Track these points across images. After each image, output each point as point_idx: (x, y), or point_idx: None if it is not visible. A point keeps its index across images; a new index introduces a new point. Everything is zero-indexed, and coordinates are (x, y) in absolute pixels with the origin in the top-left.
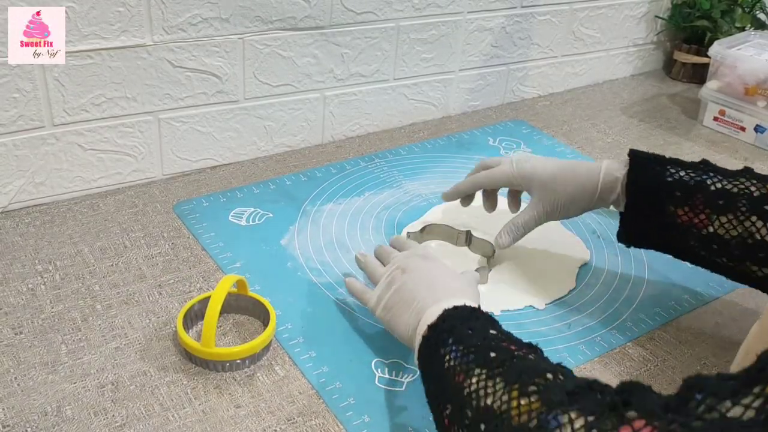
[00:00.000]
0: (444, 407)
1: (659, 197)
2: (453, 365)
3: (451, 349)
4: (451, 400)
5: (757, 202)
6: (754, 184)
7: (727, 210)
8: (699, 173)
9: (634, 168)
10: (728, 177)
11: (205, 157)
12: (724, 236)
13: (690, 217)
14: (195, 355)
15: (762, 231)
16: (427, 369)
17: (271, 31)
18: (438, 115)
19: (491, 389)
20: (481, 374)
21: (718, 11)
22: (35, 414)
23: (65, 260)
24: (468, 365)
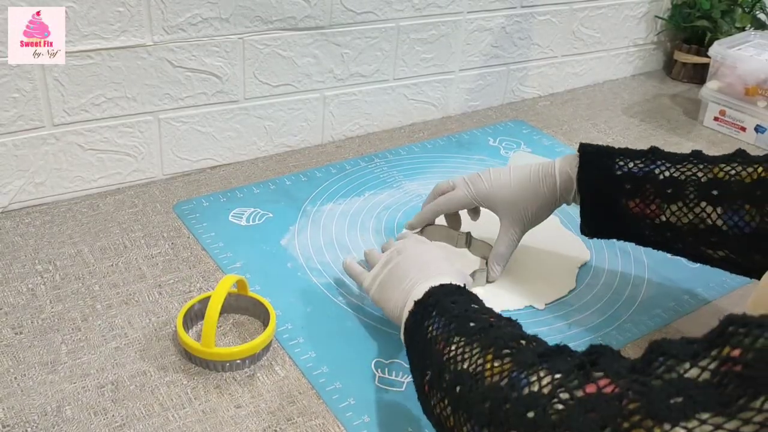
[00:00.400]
0: (425, 374)
1: (610, 191)
2: (435, 335)
3: (434, 320)
4: (432, 366)
5: (705, 188)
6: (701, 170)
7: (676, 198)
8: (647, 163)
9: (584, 164)
10: (676, 164)
11: (205, 157)
12: (676, 224)
13: (642, 207)
14: (195, 355)
15: (712, 216)
16: (412, 341)
17: (271, 31)
18: (438, 115)
19: (468, 354)
20: (460, 341)
21: (719, 11)
22: (35, 414)
23: (65, 260)
24: (449, 334)
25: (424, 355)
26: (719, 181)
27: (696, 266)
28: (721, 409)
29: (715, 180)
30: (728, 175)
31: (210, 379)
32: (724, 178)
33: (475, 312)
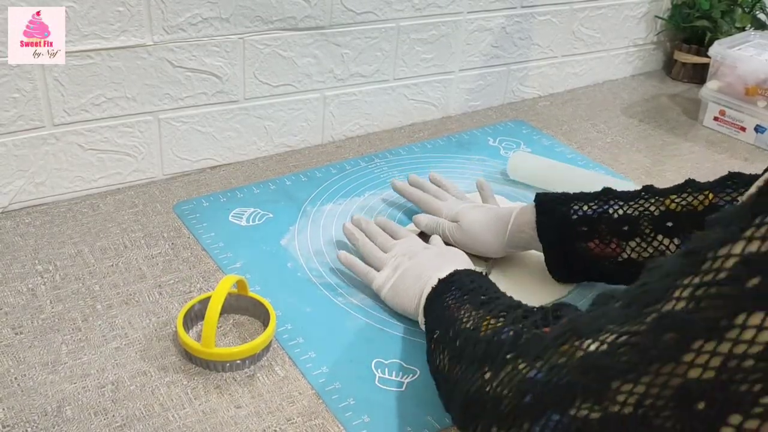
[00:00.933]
0: (434, 332)
1: (568, 237)
2: (449, 303)
3: (452, 294)
4: (441, 326)
5: (659, 221)
6: (653, 203)
7: (633, 234)
8: (600, 204)
9: (540, 215)
10: (629, 200)
11: (205, 157)
12: (638, 259)
13: (602, 248)
14: (195, 355)
15: (671, 247)
16: (430, 310)
17: (272, 31)
18: (438, 115)
19: (473, 317)
20: (469, 308)
21: (718, 11)
22: (35, 414)
23: (65, 260)
24: (461, 303)
25: (437, 319)
26: (672, 213)
27: None
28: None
29: (667, 212)
30: (680, 206)
31: (210, 380)
32: (676, 209)
33: (488, 289)
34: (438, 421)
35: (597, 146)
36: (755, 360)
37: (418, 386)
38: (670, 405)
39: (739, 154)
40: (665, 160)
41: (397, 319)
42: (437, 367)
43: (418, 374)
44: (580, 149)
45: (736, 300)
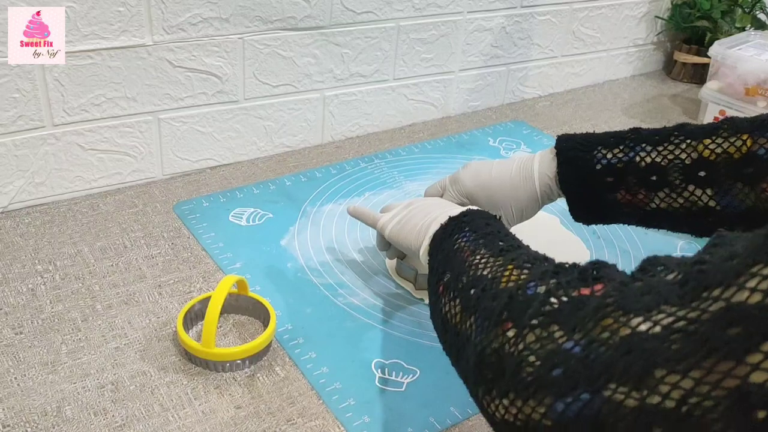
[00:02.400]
0: (442, 276)
1: (593, 187)
2: (462, 245)
3: (464, 235)
4: (451, 270)
5: (691, 171)
6: (684, 150)
7: (662, 185)
8: (627, 151)
9: (562, 165)
10: (657, 146)
11: (205, 157)
12: (667, 209)
13: (630, 198)
14: (195, 355)
15: (703, 198)
16: (437, 250)
17: (271, 31)
18: (438, 115)
19: (491, 264)
20: (485, 254)
21: (719, 11)
22: (35, 414)
23: (65, 260)
24: (476, 246)
25: (446, 261)
26: (705, 161)
27: None
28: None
29: (700, 160)
30: (714, 153)
31: (210, 380)
32: (710, 156)
33: (506, 236)
34: (439, 422)
35: None
36: None
37: (419, 386)
38: (722, 407)
39: None
40: None
41: (397, 320)
42: (445, 315)
43: (418, 374)
44: None
45: None
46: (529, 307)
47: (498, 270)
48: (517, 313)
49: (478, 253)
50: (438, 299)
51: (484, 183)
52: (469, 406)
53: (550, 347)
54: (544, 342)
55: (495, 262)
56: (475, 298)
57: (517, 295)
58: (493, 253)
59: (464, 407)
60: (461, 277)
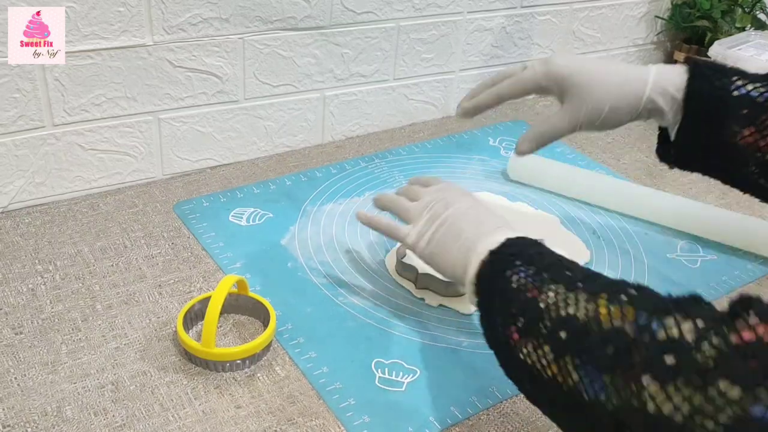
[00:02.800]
0: (513, 322)
1: (722, 114)
2: (524, 283)
3: (519, 269)
4: (524, 314)
5: None
6: None
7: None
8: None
9: (695, 78)
10: None
11: (205, 157)
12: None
13: (755, 138)
14: (195, 355)
15: None
16: (487, 292)
17: (272, 31)
18: (438, 115)
19: (572, 300)
20: (558, 289)
21: (719, 11)
22: (35, 414)
23: (65, 260)
24: (542, 282)
25: (508, 304)
26: None
27: (696, 266)
28: None
29: None
30: None
31: (210, 380)
32: None
33: (566, 261)
34: (439, 422)
35: (598, 146)
36: None
37: (419, 386)
38: None
39: None
40: None
41: (398, 319)
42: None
43: (418, 374)
44: (581, 149)
45: None
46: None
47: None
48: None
49: (549, 290)
50: (512, 348)
51: (582, 67)
52: (469, 406)
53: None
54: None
55: (577, 297)
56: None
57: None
58: (569, 287)
59: (464, 407)
60: (540, 321)
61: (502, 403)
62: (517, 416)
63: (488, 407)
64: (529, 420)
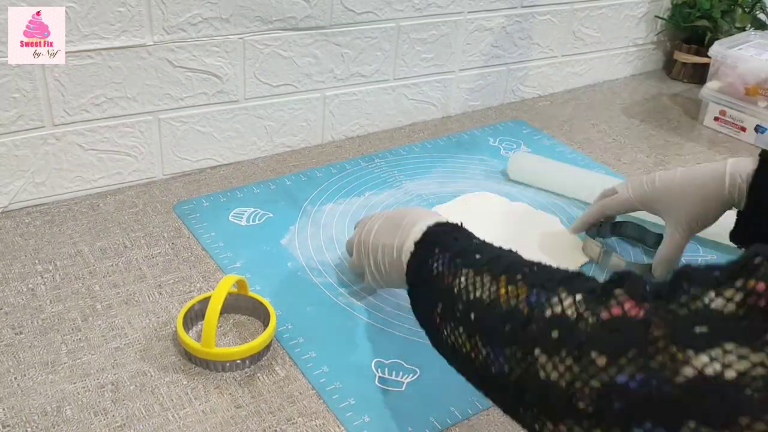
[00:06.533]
0: (434, 307)
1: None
2: (441, 271)
3: (438, 257)
4: (442, 299)
5: None
6: None
7: None
8: None
9: (762, 165)
10: None
11: (205, 157)
12: None
13: None
14: (195, 355)
15: None
16: (416, 282)
17: (272, 31)
18: (438, 115)
19: (479, 284)
20: (468, 273)
21: (719, 11)
22: (35, 414)
23: (65, 260)
24: (455, 268)
25: (431, 291)
26: None
27: None
28: (746, 341)
29: None
30: None
31: (210, 380)
32: None
33: (478, 245)
34: (439, 422)
35: (598, 146)
36: None
37: (419, 386)
38: None
39: (739, 155)
40: (668, 160)
41: (397, 319)
42: (452, 344)
43: (418, 374)
44: (581, 149)
45: None
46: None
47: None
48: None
49: (460, 275)
50: (437, 330)
51: (667, 186)
52: (469, 406)
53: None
54: (591, 373)
55: (482, 280)
56: (480, 326)
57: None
58: (477, 270)
59: (464, 407)
60: (455, 305)
61: None
62: None
63: (488, 407)
64: None
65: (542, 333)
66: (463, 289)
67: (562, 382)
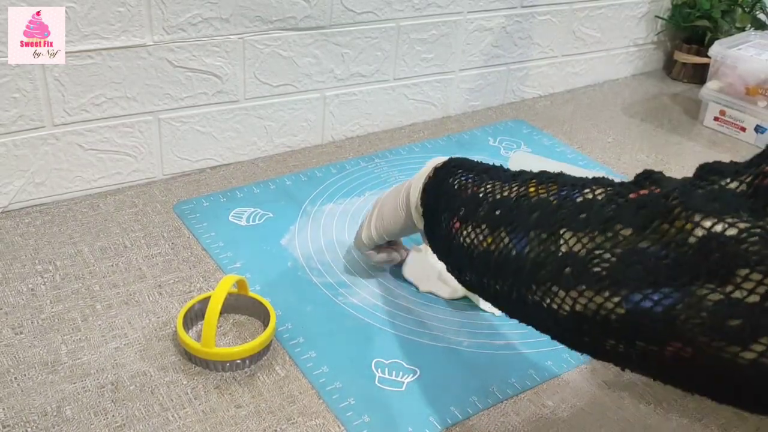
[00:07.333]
0: (455, 213)
1: None
2: (465, 183)
3: (461, 176)
4: (465, 205)
5: None
6: None
7: None
8: None
9: None
10: None
11: (205, 157)
12: None
13: None
14: (195, 355)
15: None
16: (432, 198)
17: (272, 31)
18: (438, 115)
19: (507, 188)
20: (495, 183)
21: (719, 11)
22: (35, 414)
23: (65, 260)
24: (481, 180)
25: (451, 199)
26: None
27: None
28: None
29: None
30: None
31: (210, 380)
32: None
33: (504, 169)
34: (439, 422)
35: (598, 146)
36: None
37: (419, 386)
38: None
39: (740, 154)
40: (668, 160)
41: (397, 319)
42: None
43: (418, 374)
44: (581, 149)
45: None
46: (582, 211)
47: (519, 189)
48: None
49: (487, 184)
50: (453, 236)
51: None
52: (469, 406)
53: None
54: (615, 242)
55: (511, 185)
56: (506, 217)
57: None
58: (504, 181)
59: (464, 407)
60: (479, 207)
61: (502, 403)
62: (517, 416)
63: (488, 407)
64: (529, 420)
65: (571, 215)
66: (489, 193)
67: (582, 251)
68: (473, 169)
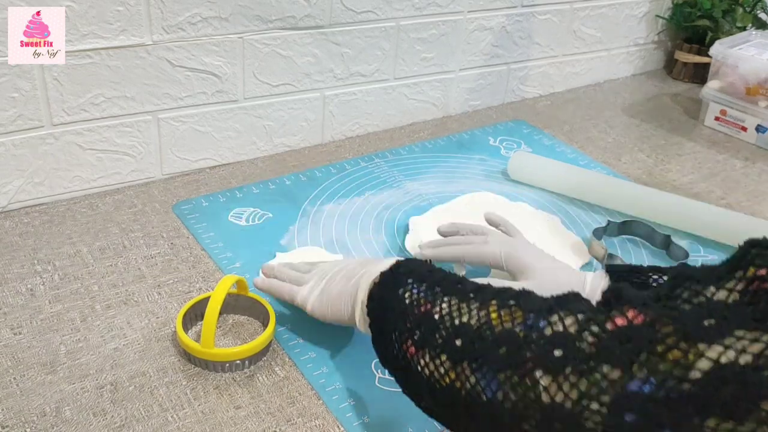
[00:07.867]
0: (409, 336)
1: None
2: (417, 298)
3: (412, 287)
4: (419, 327)
5: None
6: None
7: None
8: None
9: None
10: None
11: (205, 156)
12: None
13: None
14: (194, 355)
15: None
16: (380, 311)
17: (271, 31)
18: (438, 114)
19: (465, 310)
20: (451, 300)
21: (719, 11)
22: (34, 415)
23: (64, 260)
24: (435, 296)
25: (403, 319)
26: None
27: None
28: (757, 325)
29: None
30: None
31: (209, 380)
32: None
33: (457, 278)
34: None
35: (598, 146)
36: None
37: None
38: None
39: (740, 154)
40: (668, 159)
41: None
42: (429, 377)
43: None
44: (582, 149)
45: None
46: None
47: (480, 314)
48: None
49: (442, 302)
50: (409, 361)
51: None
52: None
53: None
54: (601, 388)
55: (469, 307)
56: (469, 351)
57: (532, 337)
58: (461, 298)
59: None
60: (435, 332)
61: None
62: None
63: None
64: None
65: (543, 353)
66: (446, 315)
67: (567, 402)
68: (424, 279)
